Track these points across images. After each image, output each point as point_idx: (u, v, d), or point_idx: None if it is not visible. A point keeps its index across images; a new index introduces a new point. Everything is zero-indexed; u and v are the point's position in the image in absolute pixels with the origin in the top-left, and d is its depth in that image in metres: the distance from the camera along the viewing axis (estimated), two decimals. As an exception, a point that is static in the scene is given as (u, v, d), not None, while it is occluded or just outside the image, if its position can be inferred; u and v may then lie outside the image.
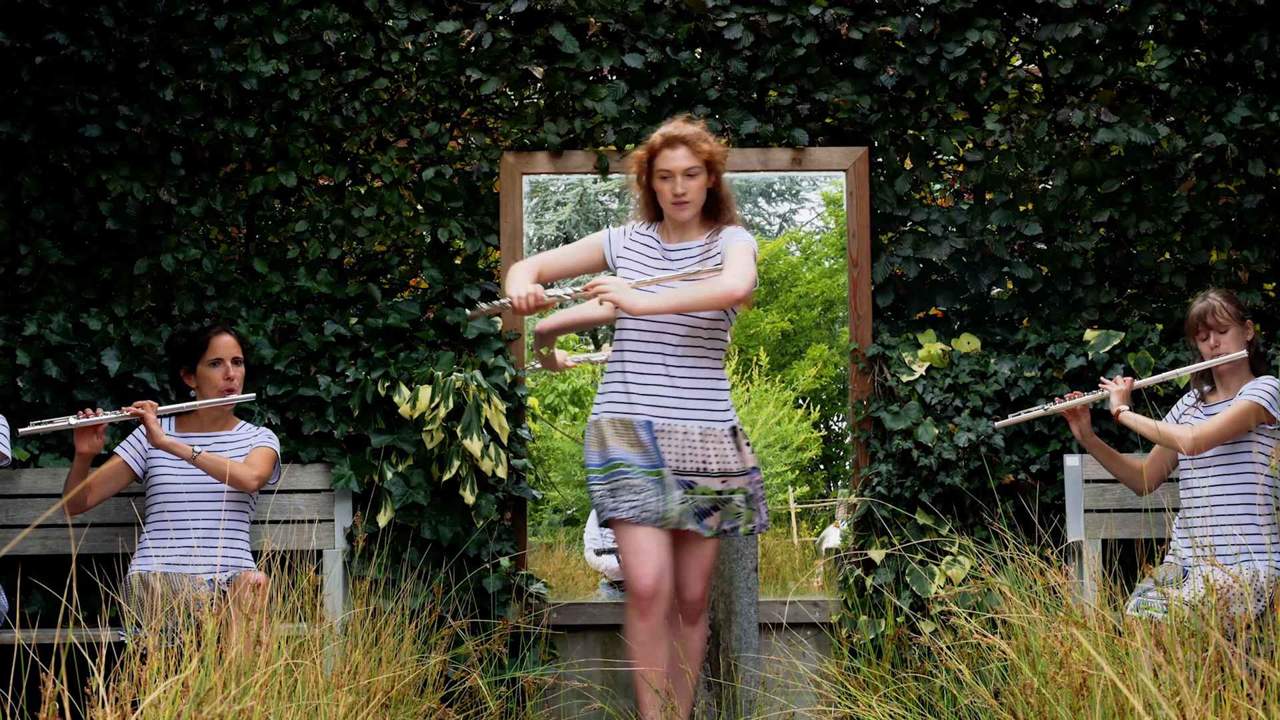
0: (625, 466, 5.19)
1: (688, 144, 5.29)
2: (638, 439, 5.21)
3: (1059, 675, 3.69)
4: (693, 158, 5.29)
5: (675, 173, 5.29)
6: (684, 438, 5.24)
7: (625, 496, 5.16)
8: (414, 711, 4.69)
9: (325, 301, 6.54)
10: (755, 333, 20.79)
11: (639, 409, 5.25)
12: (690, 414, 5.26)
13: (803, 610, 6.37)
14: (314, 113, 6.62)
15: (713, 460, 5.25)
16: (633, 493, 5.16)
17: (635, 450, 5.20)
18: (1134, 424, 5.62)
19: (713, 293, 5.11)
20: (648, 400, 5.25)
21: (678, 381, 5.26)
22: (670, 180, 5.30)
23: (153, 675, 3.27)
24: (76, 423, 5.52)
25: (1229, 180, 6.62)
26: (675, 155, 5.29)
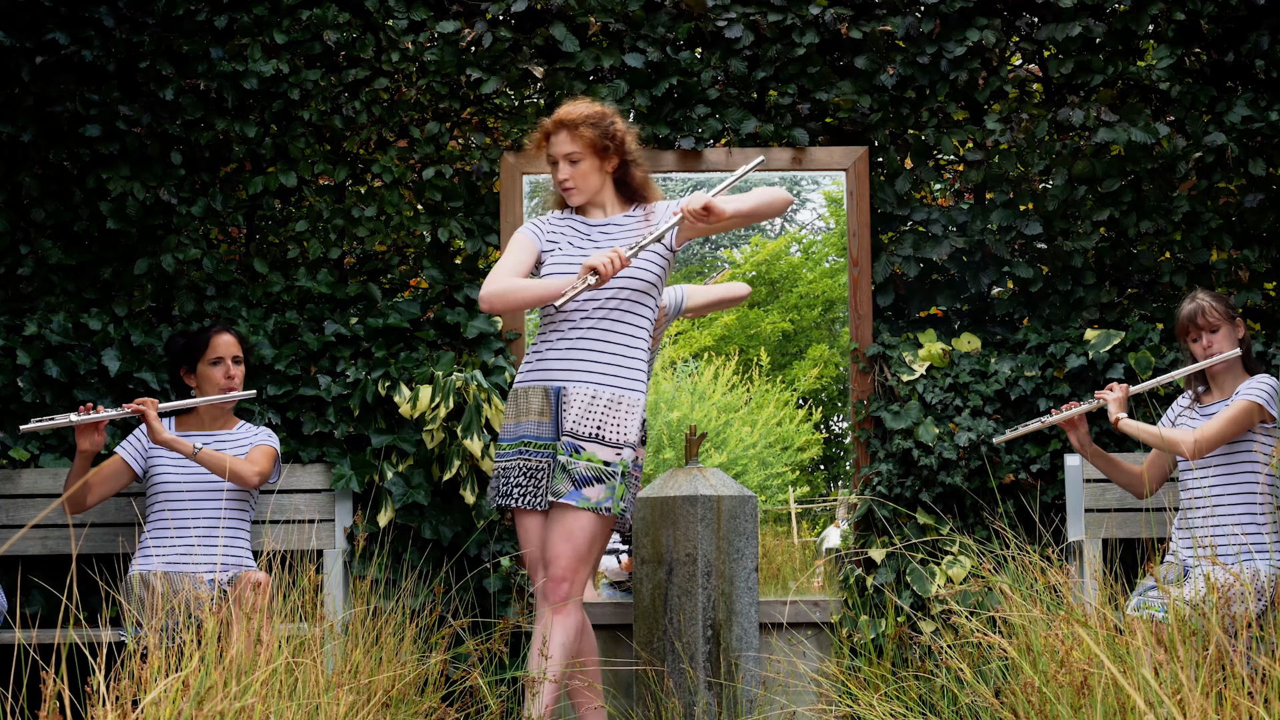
0: (533, 446, 5.05)
1: (569, 128, 5.17)
2: (545, 406, 5.05)
3: (1060, 674, 3.69)
4: (573, 143, 5.16)
5: (557, 158, 5.19)
6: (590, 401, 5.00)
7: (522, 482, 5.05)
8: (414, 711, 4.69)
9: (326, 301, 6.54)
10: (756, 333, 20.81)
11: (553, 374, 5.06)
12: (598, 377, 5.04)
13: (803, 610, 6.37)
14: (314, 112, 6.62)
15: (609, 429, 5.01)
16: (530, 478, 5.04)
17: (542, 419, 5.05)
18: (1134, 431, 5.62)
19: (776, 196, 5.07)
20: (560, 364, 5.06)
21: (592, 344, 5.05)
22: (557, 166, 5.20)
23: (153, 674, 3.27)
24: (78, 420, 5.51)
25: (1229, 179, 6.62)
26: (556, 140, 5.19)
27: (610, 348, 5.07)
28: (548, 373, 5.07)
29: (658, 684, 5.87)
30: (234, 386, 5.83)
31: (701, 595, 5.93)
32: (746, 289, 6.29)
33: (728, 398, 17.50)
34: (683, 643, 5.90)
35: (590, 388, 5.01)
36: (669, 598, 5.96)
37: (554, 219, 5.31)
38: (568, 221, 5.27)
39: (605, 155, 5.19)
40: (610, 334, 5.07)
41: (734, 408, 17.34)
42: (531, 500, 5.03)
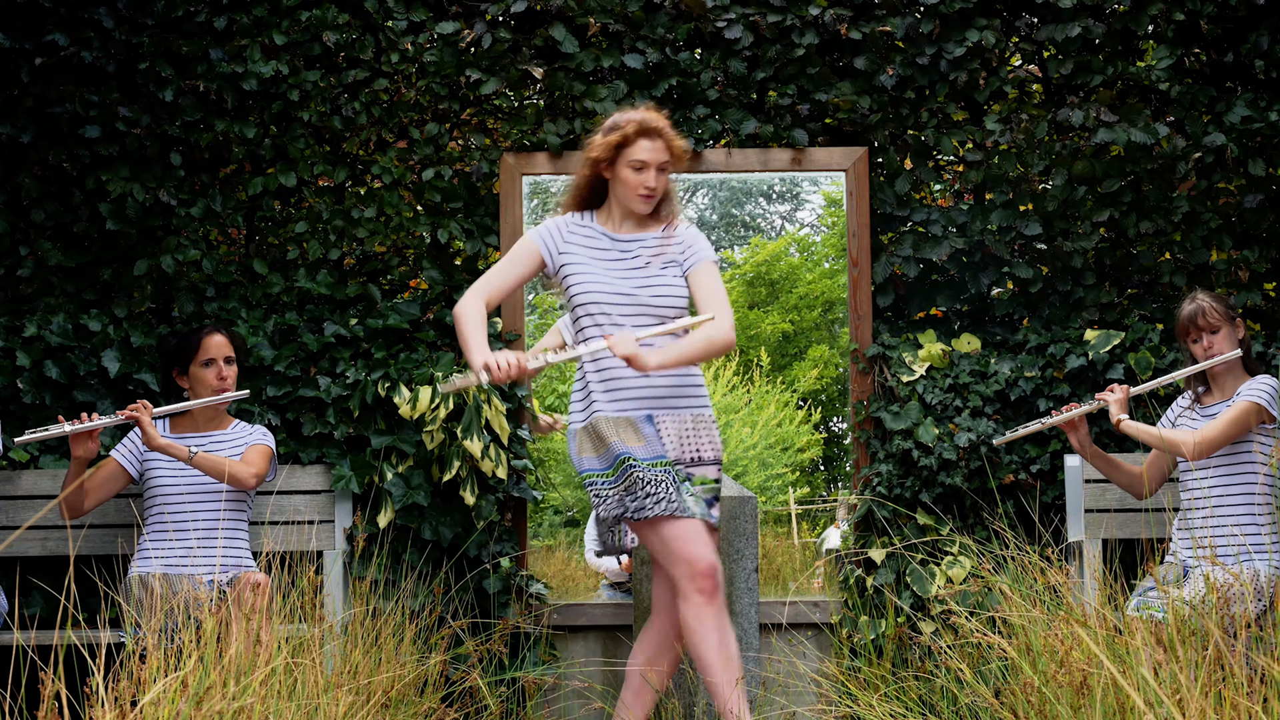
0: (634, 461, 4.92)
1: (663, 136, 5.09)
2: (639, 433, 4.97)
3: (1060, 674, 3.69)
4: (665, 151, 5.09)
5: (650, 165, 5.07)
6: (679, 426, 5.03)
7: (647, 492, 4.90)
8: (414, 711, 4.69)
9: (325, 302, 6.54)
10: (756, 334, 20.80)
11: (633, 405, 5.02)
12: (682, 401, 5.07)
13: (803, 610, 6.37)
14: (314, 113, 6.62)
15: (705, 448, 5.06)
16: (654, 487, 4.90)
17: (639, 444, 4.95)
18: (1135, 432, 5.62)
19: (713, 342, 4.99)
20: (640, 394, 5.02)
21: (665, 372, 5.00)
22: (644, 172, 5.07)
23: (152, 674, 3.27)
24: (71, 429, 5.51)
25: (1229, 180, 6.62)
26: (652, 146, 5.08)
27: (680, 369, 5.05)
28: (625, 404, 5.03)
29: (657, 684, 5.87)
30: (227, 387, 5.83)
31: (701, 596, 5.92)
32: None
33: (727, 399, 17.50)
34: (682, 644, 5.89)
35: (676, 413, 5.05)
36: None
37: (573, 224, 5.21)
38: (588, 229, 5.19)
39: (673, 171, 5.18)
40: None
41: (734, 409, 17.34)
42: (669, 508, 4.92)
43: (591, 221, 5.20)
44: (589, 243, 5.15)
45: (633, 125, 5.08)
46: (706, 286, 5.08)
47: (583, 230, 5.17)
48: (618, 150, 5.09)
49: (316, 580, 4.72)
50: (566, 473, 15.24)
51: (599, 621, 6.43)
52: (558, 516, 15.50)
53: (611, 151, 5.10)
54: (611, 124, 5.13)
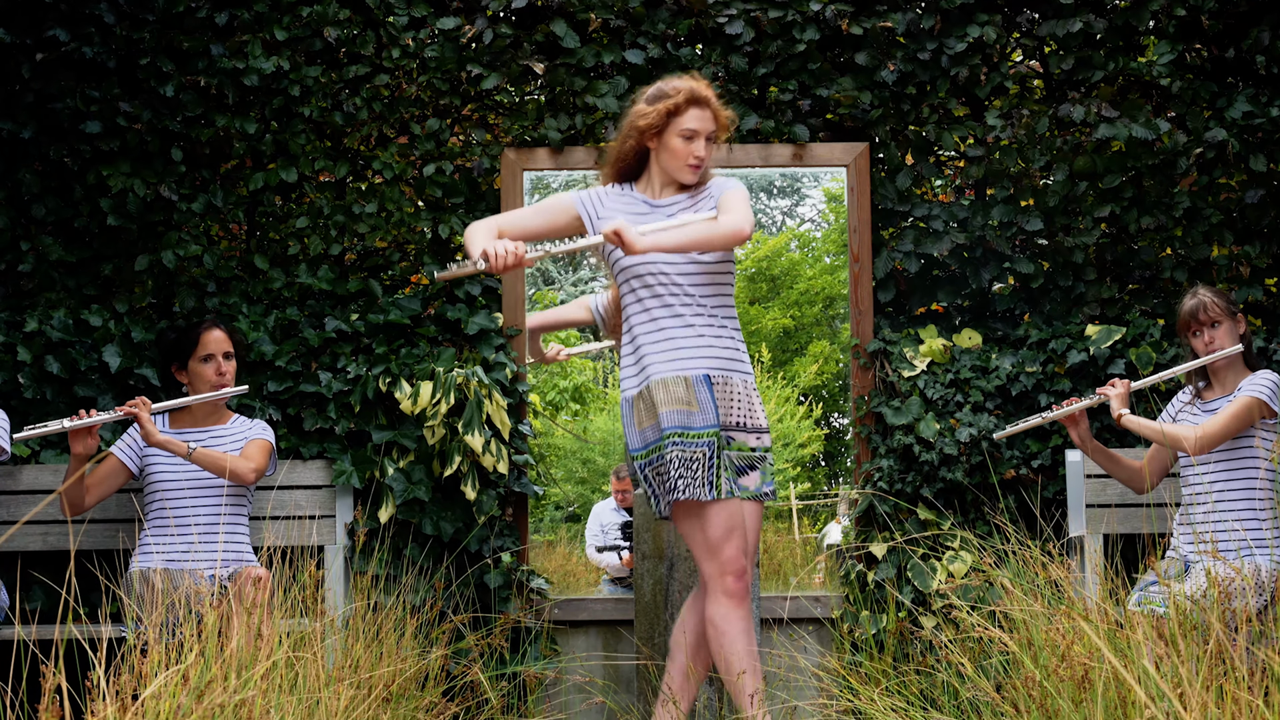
0: (677, 437, 4.80)
1: (712, 106, 5.00)
2: (693, 397, 4.82)
3: (1061, 668, 3.69)
4: (713, 121, 5.00)
5: (700, 134, 4.96)
6: (731, 390, 4.88)
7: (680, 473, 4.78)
8: (415, 705, 4.70)
9: (326, 298, 6.54)
10: (757, 329, 20.79)
11: (693, 362, 4.87)
12: (734, 365, 4.93)
13: (805, 605, 6.37)
14: (315, 109, 6.62)
15: (751, 414, 4.92)
16: (687, 467, 4.78)
17: (691, 409, 4.81)
18: (1137, 427, 5.62)
19: (717, 231, 4.81)
20: (697, 353, 4.88)
21: (722, 331, 4.92)
22: (694, 141, 4.96)
23: (153, 668, 3.27)
24: (70, 425, 5.51)
25: (1230, 175, 6.62)
26: (703, 116, 4.98)
27: (734, 331, 4.96)
28: (685, 361, 4.87)
29: (659, 679, 5.87)
30: (226, 382, 5.83)
31: (702, 591, 5.92)
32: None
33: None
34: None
35: (731, 375, 4.91)
36: (670, 593, 5.96)
37: (613, 193, 5.11)
38: (627, 197, 5.09)
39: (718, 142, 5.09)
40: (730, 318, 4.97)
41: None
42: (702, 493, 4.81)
43: (631, 191, 5.10)
44: (629, 209, 5.04)
45: (683, 94, 4.99)
46: (728, 199, 4.95)
47: (623, 199, 5.08)
48: (668, 118, 4.99)
49: (317, 575, 4.72)
50: (567, 468, 15.26)
51: (600, 616, 6.43)
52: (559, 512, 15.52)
53: (663, 119, 4.99)
54: (658, 92, 5.03)
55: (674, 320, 4.90)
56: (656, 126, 4.99)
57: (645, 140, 5.04)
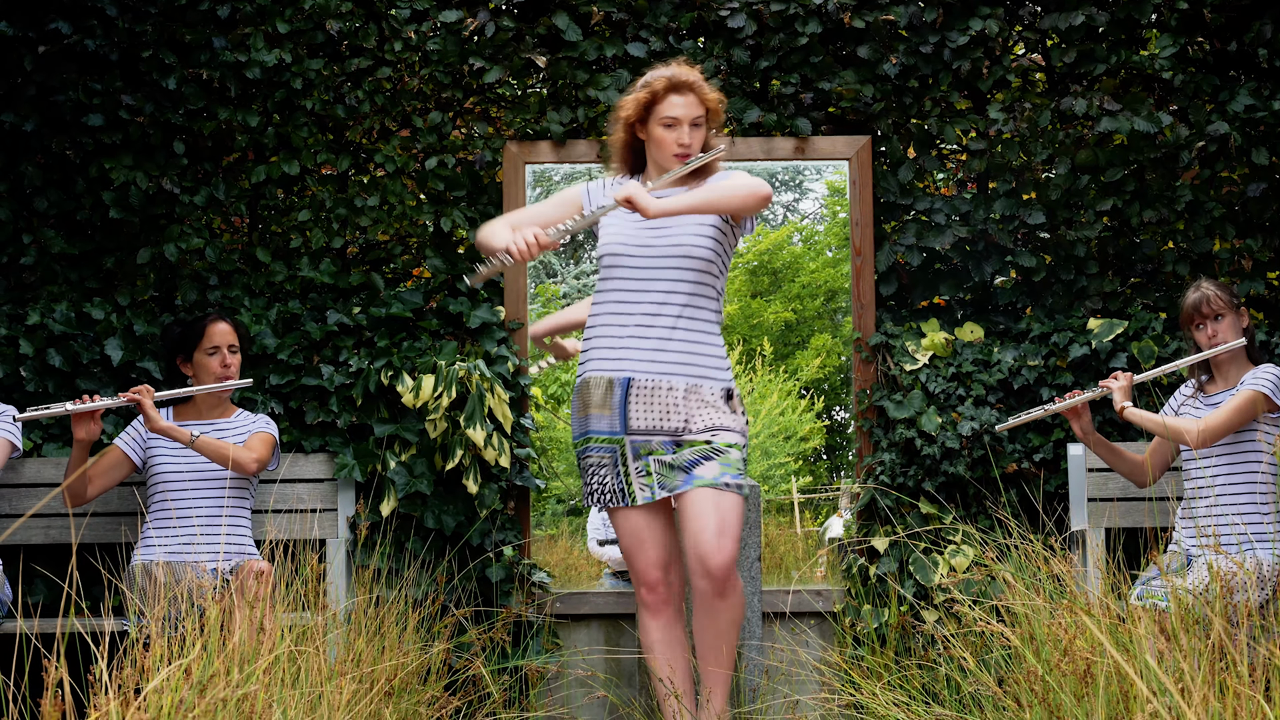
0: (594, 442, 4.83)
1: (695, 90, 4.88)
2: (609, 400, 4.79)
3: (1063, 663, 3.69)
4: (699, 106, 4.88)
5: (682, 121, 4.86)
6: (666, 394, 4.76)
7: (584, 480, 4.85)
8: (417, 700, 4.70)
9: (328, 291, 6.54)
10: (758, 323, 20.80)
11: (623, 363, 4.80)
12: (676, 368, 4.78)
13: (807, 599, 6.37)
14: (317, 102, 6.61)
15: (697, 419, 4.76)
16: (588, 475, 4.83)
17: (604, 413, 4.80)
18: (1139, 420, 5.62)
19: (737, 190, 4.71)
20: (630, 353, 4.81)
21: (663, 332, 4.79)
22: (676, 129, 4.86)
23: (156, 662, 3.27)
24: (74, 409, 5.52)
25: (1232, 169, 6.62)
26: (683, 102, 4.87)
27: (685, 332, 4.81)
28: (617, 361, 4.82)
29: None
30: (230, 375, 5.83)
31: (704, 584, 5.92)
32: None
33: (730, 388, 17.50)
34: (686, 631, 5.89)
35: (666, 379, 4.79)
36: (672, 587, 5.96)
37: (616, 183, 5.06)
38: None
39: (710, 126, 4.96)
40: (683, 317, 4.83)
41: (737, 398, 17.33)
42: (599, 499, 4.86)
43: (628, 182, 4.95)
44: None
45: (662, 81, 4.90)
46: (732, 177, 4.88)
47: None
48: (648, 109, 4.92)
49: (320, 569, 4.72)
50: (569, 461, 15.26)
51: (602, 610, 6.43)
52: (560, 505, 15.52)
53: (641, 110, 4.92)
54: (641, 82, 4.98)
55: (625, 314, 4.85)
56: (636, 117, 4.94)
57: (632, 132, 4.98)
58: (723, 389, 4.83)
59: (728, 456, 4.76)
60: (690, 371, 4.80)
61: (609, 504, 4.83)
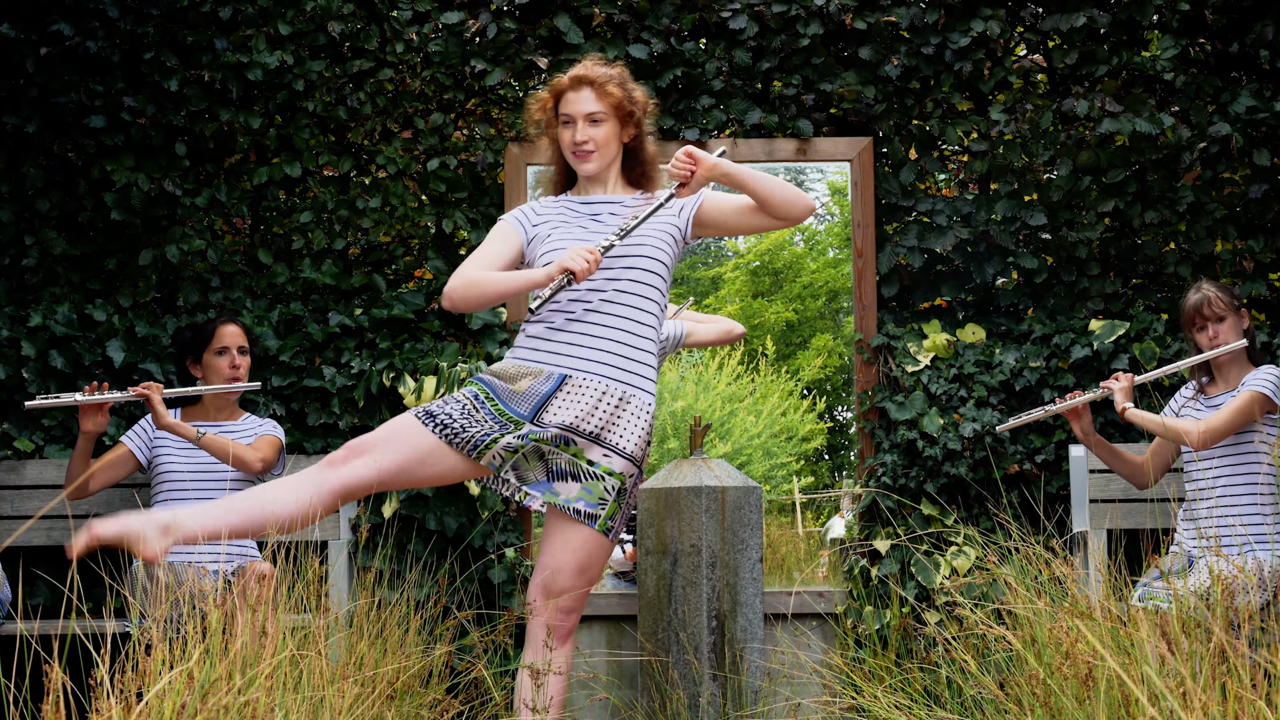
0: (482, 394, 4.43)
1: (594, 85, 4.61)
2: (531, 388, 4.45)
3: (1065, 666, 3.69)
4: (598, 101, 4.59)
5: (576, 117, 4.59)
6: (599, 398, 4.43)
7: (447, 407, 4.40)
8: (419, 703, 4.69)
9: (330, 292, 6.55)
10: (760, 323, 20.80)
11: (559, 359, 4.49)
12: (615, 372, 4.47)
13: (808, 601, 6.37)
14: (319, 103, 6.62)
15: (613, 432, 4.44)
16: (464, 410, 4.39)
17: (514, 390, 4.44)
18: (1140, 421, 5.62)
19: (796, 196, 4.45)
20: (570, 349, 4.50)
21: (607, 332, 4.49)
22: (571, 126, 4.61)
23: (158, 666, 3.27)
24: (83, 399, 5.53)
25: (1234, 170, 6.62)
26: (578, 98, 4.60)
27: (627, 336, 4.52)
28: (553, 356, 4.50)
29: (662, 675, 5.88)
30: (239, 377, 5.84)
31: (706, 586, 5.94)
32: (742, 329, 6.32)
33: (732, 387, 17.51)
34: (687, 634, 5.90)
35: (601, 381, 4.46)
36: (674, 589, 5.96)
37: (546, 202, 4.77)
38: (561, 203, 4.73)
39: (626, 122, 4.66)
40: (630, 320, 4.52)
41: (738, 397, 17.36)
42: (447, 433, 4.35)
43: (565, 196, 4.76)
44: (560, 213, 4.70)
45: (552, 84, 4.70)
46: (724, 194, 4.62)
47: (554, 205, 4.73)
48: (553, 114, 4.68)
49: (321, 571, 4.72)
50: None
51: (604, 612, 6.43)
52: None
53: (546, 114, 4.70)
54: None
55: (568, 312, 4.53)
56: (546, 123, 4.72)
57: (553, 140, 4.73)
58: (648, 403, 4.54)
59: (595, 485, 4.42)
60: (626, 379, 4.49)
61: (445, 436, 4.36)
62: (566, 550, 4.45)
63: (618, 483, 4.43)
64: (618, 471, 4.43)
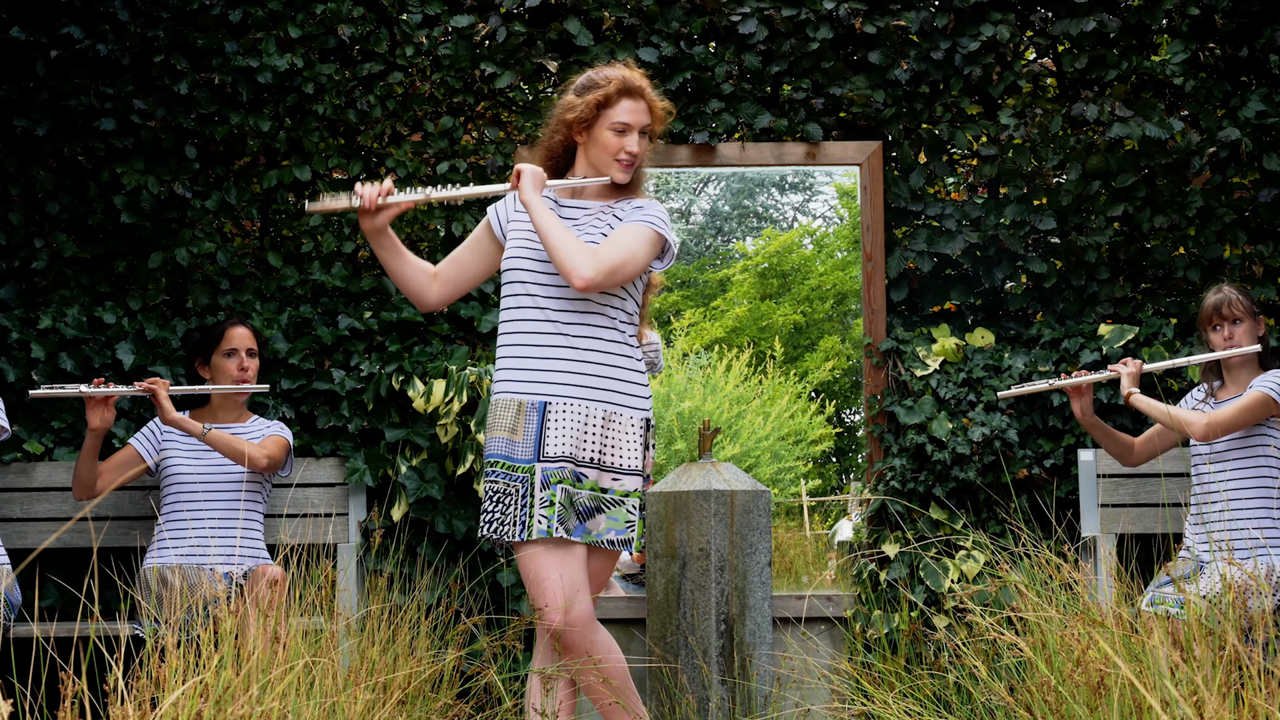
0: (497, 466, 4.41)
1: (645, 98, 4.58)
2: (520, 425, 4.40)
3: (1076, 673, 3.69)
4: (648, 114, 4.58)
5: (633, 127, 4.54)
6: (583, 421, 4.40)
7: (485, 509, 4.42)
8: (430, 708, 4.69)
9: (339, 295, 6.55)
10: (768, 325, 20.81)
11: (536, 386, 4.42)
12: (593, 394, 4.42)
13: (816, 605, 6.37)
14: (328, 106, 6.62)
15: (610, 452, 4.44)
16: (493, 504, 4.40)
17: (514, 438, 4.40)
18: (1146, 407, 5.62)
19: (569, 258, 4.34)
20: (545, 375, 4.43)
21: (580, 354, 4.43)
22: (626, 134, 4.54)
23: (172, 672, 3.28)
24: (89, 391, 5.53)
25: (1243, 174, 6.61)
26: (635, 108, 4.56)
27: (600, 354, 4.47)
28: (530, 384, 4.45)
29: (671, 679, 5.88)
30: (247, 379, 5.84)
31: (715, 590, 5.94)
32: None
33: (740, 390, 17.52)
34: (696, 638, 5.90)
35: (582, 404, 4.42)
36: (682, 592, 5.97)
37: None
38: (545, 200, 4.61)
39: (653, 138, 4.68)
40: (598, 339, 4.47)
41: (746, 400, 17.36)
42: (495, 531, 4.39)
43: (550, 194, 4.66)
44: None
45: (615, 84, 4.57)
46: (619, 232, 4.49)
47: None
48: (598, 110, 4.57)
49: (332, 575, 4.72)
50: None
51: (612, 615, 6.43)
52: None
53: (592, 111, 4.57)
54: (588, 81, 4.62)
55: (539, 332, 4.47)
56: (586, 119, 4.58)
57: (574, 134, 4.63)
58: (642, 419, 4.52)
59: (619, 510, 4.45)
60: (607, 398, 4.45)
61: (505, 537, 4.38)
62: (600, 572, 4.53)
63: (636, 500, 4.46)
64: (632, 490, 4.46)
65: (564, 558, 4.35)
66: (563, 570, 4.33)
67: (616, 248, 4.42)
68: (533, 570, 4.35)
